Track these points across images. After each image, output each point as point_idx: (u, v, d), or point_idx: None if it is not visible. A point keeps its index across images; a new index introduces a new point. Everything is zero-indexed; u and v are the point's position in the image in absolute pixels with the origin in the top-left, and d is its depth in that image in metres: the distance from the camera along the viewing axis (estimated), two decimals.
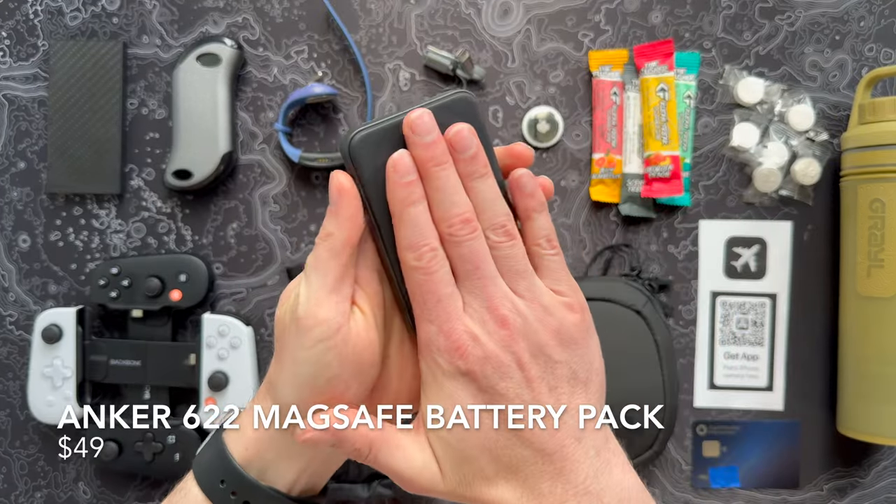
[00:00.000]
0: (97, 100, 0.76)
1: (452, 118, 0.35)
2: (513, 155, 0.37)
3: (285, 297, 0.37)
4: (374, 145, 0.35)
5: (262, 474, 0.37)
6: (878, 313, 0.67)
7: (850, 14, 0.74)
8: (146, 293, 0.73)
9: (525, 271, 0.35)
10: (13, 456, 0.78)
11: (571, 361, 0.35)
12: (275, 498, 0.36)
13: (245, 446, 0.37)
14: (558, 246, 0.37)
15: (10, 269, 0.77)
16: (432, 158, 0.34)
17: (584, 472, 0.34)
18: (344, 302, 0.35)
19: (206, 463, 0.37)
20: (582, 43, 0.75)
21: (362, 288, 0.36)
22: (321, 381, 0.35)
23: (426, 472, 0.35)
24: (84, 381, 0.74)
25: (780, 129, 0.75)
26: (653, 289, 0.73)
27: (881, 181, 0.67)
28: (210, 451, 0.38)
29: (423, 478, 0.35)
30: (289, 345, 0.35)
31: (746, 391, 0.75)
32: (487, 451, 0.34)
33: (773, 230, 0.75)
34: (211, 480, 0.37)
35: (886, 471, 0.75)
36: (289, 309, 0.36)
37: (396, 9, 0.76)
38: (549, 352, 0.34)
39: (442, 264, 0.34)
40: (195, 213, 0.77)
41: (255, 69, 0.76)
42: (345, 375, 0.35)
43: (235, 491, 0.36)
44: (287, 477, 0.37)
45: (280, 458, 0.37)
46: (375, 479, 0.70)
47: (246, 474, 0.36)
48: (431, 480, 0.35)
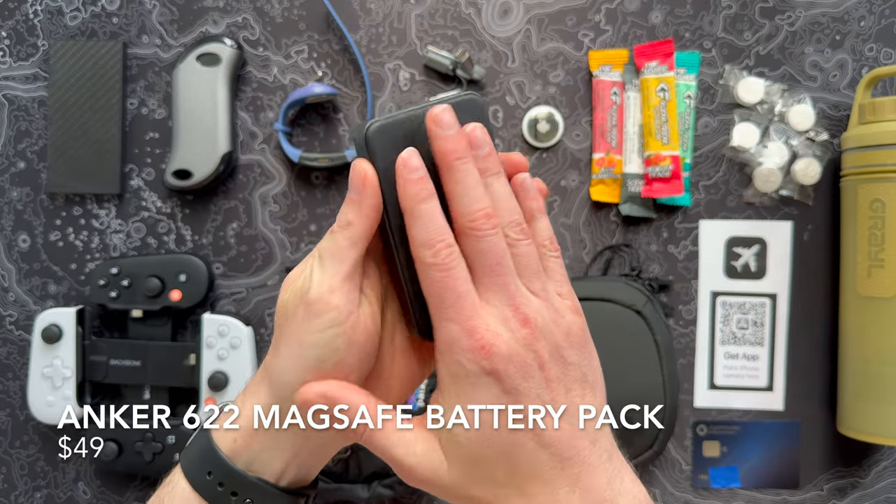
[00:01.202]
0: (97, 100, 0.76)
1: (464, 118, 0.35)
2: (511, 163, 0.37)
3: (289, 283, 0.36)
4: (389, 138, 0.35)
5: (250, 465, 0.36)
6: (879, 313, 0.67)
7: (851, 14, 0.74)
8: (146, 293, 0.73)
9: (539, 271, 0.35)
10: (13, 456, 0.78)
11: (582, 364, 0.35)
12: (262, 488, 0.36)
13: (233, 437, 0.36)
14: (559, 248, 0.37)
15: (10, 269, 0.77)
16: (455, 151, 0.34)
17: (600, 477, 0.33)
18: (355, 290, 0.35)
19: (192, 455, 0.37)
20: (582, 43, 0.75)
21: (367, 278, 0.36)
22: (328, 366, 0.34)
23: (426, 463, 0.34)
24: (84, 381, 0.74)
25: (781, 129, 0.75)
26: (653, 289, 0.73)
27: (881, 181, 0.67)
28: (197, 444, 0.38)
29: (423, 468, 0.34)
30: (296, 329, 0.35)
31: (746, 391, 0.75)
32: (504, 455, 0.33)
33: (773, 230, 0.75)
34: (198, 472, 0.36)
35: (886, 471, 0.75)
36: (296, 294, 0.35)
37: (396, 9, 0.76)
38: (564, 353, 0.34)
39: (459, 260, 0.34)
40: (195, 213, 0.77)
41: (254, 69, 0.76)
42: (349, 360, 0.35)
43: (223, 482, 0.36)
44: (275, 467, 0.37)
45: (268, 449, 0.36)
46: (375, 479, 0.70)
47: (233, 465, 0.36)
48: (433, 473, 0.34)
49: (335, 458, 0.68)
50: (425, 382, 0.70)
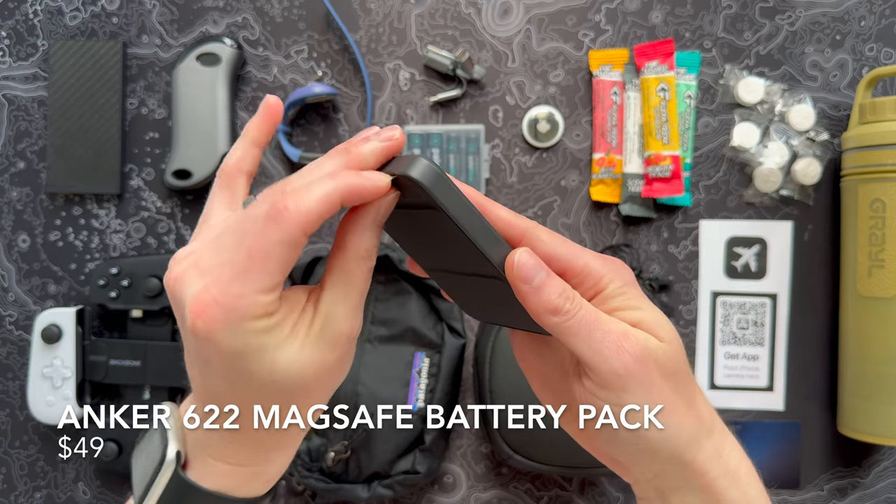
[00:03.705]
0: (97, 100, 0.76)
1: (422, 194, 0.32)
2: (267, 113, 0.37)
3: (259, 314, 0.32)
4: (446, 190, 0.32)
5: (202, 477, 0.34)
6: (879, 313, 0.67)
7: (851, 14, 0.74)
8: (146, 293, 0.73)
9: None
10: (13, 456, 0.78)
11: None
12: (211, 496, 0.34)
13: (181, 438, 0.35)
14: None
15: (10, 269, 0.77)
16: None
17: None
18: (360, 310, 0.34)
19: (140, 467, 0.35)
20: (582, 42, 0.75)
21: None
22: (323, 372, 0.34)
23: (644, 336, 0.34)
24: (84, 381, 0.74)
25: (781, 129, 0.75)
26: (653, 289, 0.73)
27: (882, 181, 0.67)
28: (144, 456, 0.36)
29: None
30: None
31: (747, 391, 0.75)
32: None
33: (773, 230, 0.75)
34: (146, 484, 0.34)
35: (887, 471, 0.75)
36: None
37: (396, 8, 0.76)
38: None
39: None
40: (195, 213, 0.77)
41: (254, 69, 0.76)
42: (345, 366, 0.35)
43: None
44: (227, 477, 0.35)
45: (215, 458, 0.35)
46: (375, 479, 0.70)
47: (184, 476, 0.34)
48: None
49: (335, 458, 0.68)
50: (425, 383, 0.70)
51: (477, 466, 0.76)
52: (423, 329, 0.72)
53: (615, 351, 0.32)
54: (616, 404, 0.33)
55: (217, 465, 0.34)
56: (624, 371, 0.32)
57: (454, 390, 0.72)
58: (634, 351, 0.32)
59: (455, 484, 0.76)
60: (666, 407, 0.33)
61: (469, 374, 0.75)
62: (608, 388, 0.33)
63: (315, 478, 0.70)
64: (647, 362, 0.33)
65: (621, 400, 0.33)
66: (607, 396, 0.33)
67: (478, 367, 0.69)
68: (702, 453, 0.35)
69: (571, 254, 0.34)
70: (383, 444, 0.69)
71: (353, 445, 0.68)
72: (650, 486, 0.36)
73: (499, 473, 0.76)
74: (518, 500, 0.76)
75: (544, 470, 0.68)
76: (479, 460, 0.76)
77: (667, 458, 0.34)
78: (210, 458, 0.35)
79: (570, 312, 0.32)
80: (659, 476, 0.36)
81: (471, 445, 0.76)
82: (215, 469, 0.34)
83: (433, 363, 0.71)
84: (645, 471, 0.36)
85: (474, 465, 0.76)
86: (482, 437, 0.76)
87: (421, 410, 0.70)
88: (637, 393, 0.33)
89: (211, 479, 0.34)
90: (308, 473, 0.70)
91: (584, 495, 0.75)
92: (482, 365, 0.68)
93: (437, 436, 0.70)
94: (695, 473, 0.35)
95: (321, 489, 0.69)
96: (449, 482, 0.76)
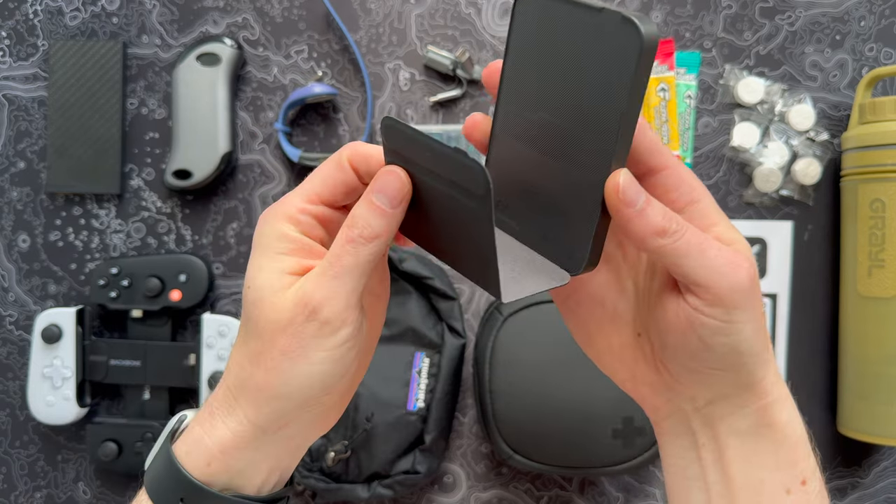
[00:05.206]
0: (97, 100, 0.76)
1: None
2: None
3: (263, 290, 0.34)
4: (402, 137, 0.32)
5: (229, 484, 0.35)
6: (879, 313, 0.67)
7: (851, 14, 0.74)
8: (146, 293, 0.73)
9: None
10: (13, 456, 0.78)
11: None
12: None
13: (207, 461, 0.34)
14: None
15: (10, 269, 0.77)
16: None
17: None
18: (360, 302, 0.34)
19: (160, 482, 0.35)
20: None
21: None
22: (336, 378, 0.34)
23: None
24: (84, 381, 0.74)
25: (781, 129, 0.75)
26: None
27: (882, 181, 0.67)
28: (164, 470, 0.35)
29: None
30: (298, 345, 0.33)
31: None
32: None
33: (773, 230, 0.75)
34: (169, 500, 0.34)
35: (887, 471, 0.75)
36: (292, 308, 0.33)
37: (396, 8, 0.76)
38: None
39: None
40: (195, 213, 0.77)
41: (254, 69, 0.76)
42: (356, 365, 0.35)
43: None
44: (256, 480, 0.35)
45: (249, 465, 0.35)
46: (375, 479, 0.70)
47: (209, 489, 0.34)
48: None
49: (335, 457, 0.68)
50: (425, 383, 0.70)
51: (477, 466, 0.76)
52: (423, 329, 0.72)
53: (733, 268, 0.32)
54: (724, 320, 0.33)
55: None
56: (740, 287, 0.32)
57: (454, 390, 0.72)
58: (748, 268, 0.33)
59: (455, 484, 0.76)
60: (761, 323, 0.34)
61: (469, 374, 0.75)
62: (720, 305, 0.32)
63: (315, 478, 0.70)
64: (756, 279, 0.33)
65: (731, 316, 0.33)
66: (715, 313, 0.33)
67: (478, 367, 0.69)
68: (769, 375, 0.35)
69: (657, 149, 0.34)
70: (383, 444, 0.69)
71: (353, 445, 0.69)
72: (698, 415, 0.36)
73: (499, 473, 0.76)
74: (518, 500, 0.76)
75: (544, 470, 0.68)
76: (479, 460, 0.76)
77: (745, 377, 0.34)
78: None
79: (679, 233, 0.32)
80: (715, 401, 0.35)
81: (471, 445, 0.76)
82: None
83: (433, 363, 0.71)
84: (709, 393, 0.35)
85: (474, 465, 0.76)
86: (482, 437, 0.76)
87: (421, 410, 0.70)
88: (747, 308, 0.33)
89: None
90: (308, 473, 0.70)
91: (584, 495, 0.75)
92: (482, 365, 0.68)
93: (437, 436, 0.70)
94: (756, 395, 0.35)
95: (321, 489, 0.70)
96: (449, 482, 0.76)
